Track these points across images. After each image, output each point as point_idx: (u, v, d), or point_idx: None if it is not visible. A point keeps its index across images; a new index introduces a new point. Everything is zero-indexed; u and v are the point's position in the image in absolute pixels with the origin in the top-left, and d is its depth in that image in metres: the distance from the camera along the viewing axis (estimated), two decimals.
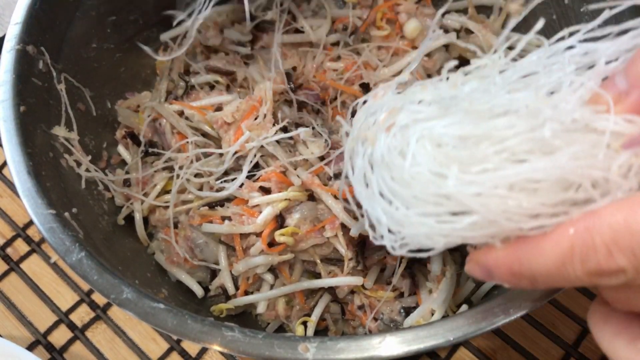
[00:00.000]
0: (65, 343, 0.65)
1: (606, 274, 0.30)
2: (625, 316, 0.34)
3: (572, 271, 0.30)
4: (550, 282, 0.32)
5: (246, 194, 0.58)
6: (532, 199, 0.31)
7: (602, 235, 0.29)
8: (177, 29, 0.72)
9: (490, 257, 0.34)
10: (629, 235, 0.28)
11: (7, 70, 0.55)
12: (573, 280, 0.31)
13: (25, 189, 0.51)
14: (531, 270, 0.32)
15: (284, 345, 0.44)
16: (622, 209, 0.29)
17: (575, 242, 0.30)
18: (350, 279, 0.57)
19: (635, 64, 0.33)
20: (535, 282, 0.33)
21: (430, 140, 0.34)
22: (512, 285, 0.35)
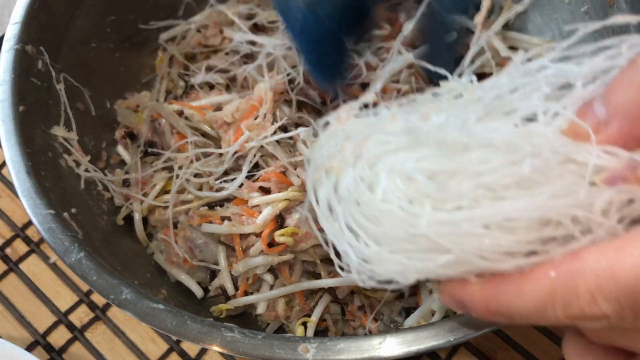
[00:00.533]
0: (65, 344, 0.65)
1: (588, 319, 0.29)
2: (604, 349, 0.33)
3: (553, 314, 0.29)
4: (528, 321, 0.31)
5: (246, 194, 0.58)
6: (509, 237, 0.30)
7: (585, 282, 0.28)
8: (176, 28, 0.72)
9: (465, 293, 0.33)
10: (614, 283, 0.27)
11: (6, 70, 0.55)
12: (553, 321, 0.30)
13: (24, 189, 0.51)
14: (509, 309, 0.31)
15: (283, 346, 0.43)
16: (606, 254, 0.28)
17: (557, 286, 0.29)
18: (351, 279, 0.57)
19: (615, 92, 0.31)
20: (513, 319, 0.31)
21: (401, 175, 0.33)
22: (488, 320, 0.33)
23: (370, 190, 0.34)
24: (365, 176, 0.34)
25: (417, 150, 0.33)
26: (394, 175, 0.33)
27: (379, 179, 0.33)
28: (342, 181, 0.35)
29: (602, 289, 0.27)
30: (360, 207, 0.34)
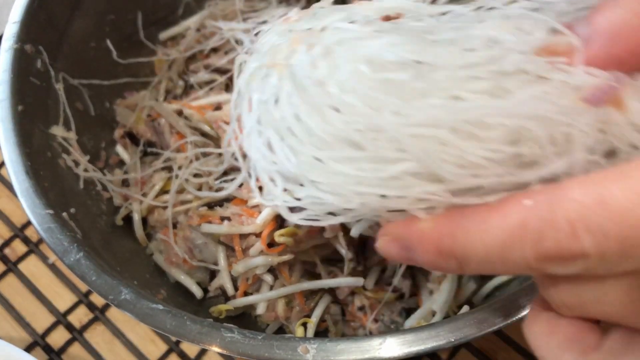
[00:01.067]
0: (64, 344, 0.64)
1: (563, 258, 0.24)
2: (575, 324, 0.29)
3: (520, 253, 0.25)
4: (485, 267, 0.27)
5: (245, 194, 0.58)
6: (478, 147, 0.25)
7: (567, 211, 0.24)
8: (176, 27, 0.72)
9: (413, 230, 0.28)
10: (603, 213, 0.23)
11: (4, 70, 0.55)
12: (516, 266, 0.25)
13: (23, 189, 0.51)
14: (465, 248, 0.26)
15: (283, 347, 0.43)
16: (595, 183, 0.24)
17: (529, 216, 0.24)
18: (351, 280, 0.57)
19: (600, 11, 0.27)
20: (467, 265, 0.27)
21: (367, 61, 0.27)
22: (434, 267, 0.29)
23: (320, 85, 0.28)
24: (318, 65, 0.28)
25: (385, 37, 0.27)
26: (358, 64, 0.27)
27: (338, 67, 0.27)
28: (286, 74, 0.29)
29: (587, 219, 0.23)
30: (308, 100, 0.28)
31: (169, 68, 0.70)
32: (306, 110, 0.28)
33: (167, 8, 0.72)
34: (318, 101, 0.27)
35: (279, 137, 0.29)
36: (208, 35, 0.70)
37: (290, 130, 0.29)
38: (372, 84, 0.26)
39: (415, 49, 0.26)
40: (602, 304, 0.26)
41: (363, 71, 0.26)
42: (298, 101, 0.28)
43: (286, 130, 0.29)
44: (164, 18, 0.72)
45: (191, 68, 0.70)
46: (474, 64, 0.26)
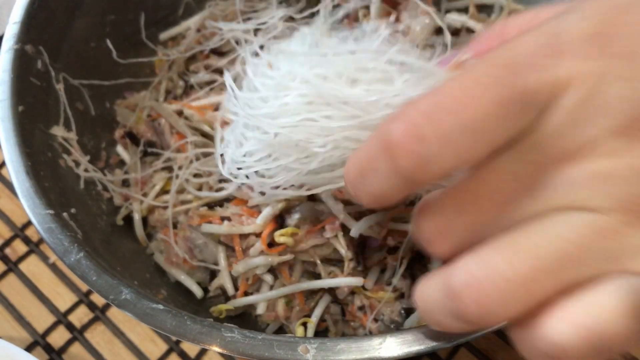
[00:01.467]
0: (64, 344, 0.65)
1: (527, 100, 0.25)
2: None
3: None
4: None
5: (246, 194, 0.58)
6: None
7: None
8: (176, 28, 0.72)
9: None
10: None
11: (5, 70, 0.55)
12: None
13: (23, 189, 0.51)
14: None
15: (283, 347, 0.43)
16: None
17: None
18: (351, 280, 0.57)
19: (478, 41, 0.33)
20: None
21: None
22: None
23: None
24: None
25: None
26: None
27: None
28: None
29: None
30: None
31: (169, 68, 0.70)
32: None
33: (168, 8, 0.72)
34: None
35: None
36: (208, 36, 0.70)
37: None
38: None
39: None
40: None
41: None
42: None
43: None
44: (164, 18, 0.72)
45: (191, 68, 0.70)
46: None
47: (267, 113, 0.40)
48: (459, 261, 0.29)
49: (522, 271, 0.26)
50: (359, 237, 0.56)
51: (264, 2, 0.71)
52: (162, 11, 0.72)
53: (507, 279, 0.26)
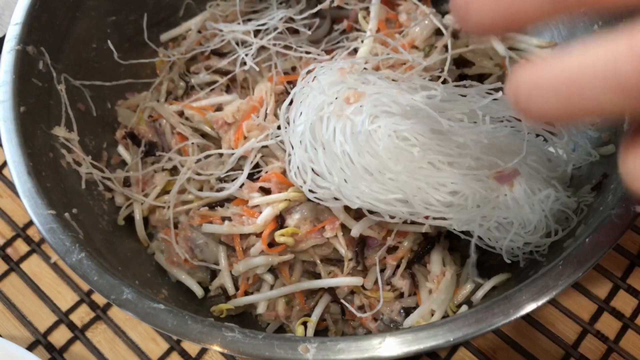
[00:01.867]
0: (65, 343, 0.65)
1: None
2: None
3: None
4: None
5: (246, 195, 0.58)
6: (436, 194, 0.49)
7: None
8: (177, 29, 0.72)
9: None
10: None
11: (7, 71, 0.55)
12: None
13: (25, 189, 0.51)
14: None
15: (284, 346, 0.44)
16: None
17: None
18: (350, 280, 0.57)
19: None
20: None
21: (396, 134, 0.49)
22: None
23: (367, 137, 0.49)
24: (367, 125, 0.49)
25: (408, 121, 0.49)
26: (391, 131, 0.49)
27: (378, 130, 0.49)
28: (347, 125, 0.50)
29: None
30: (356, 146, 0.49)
31: (170, 69, 0.71)
32: (352, 148, 0.49)
33: (169, 9, 0.72)
34: (362, 146, 0.49)
35: (325, 152, 0.50)
36: (209, 37, 0.70)
37: (337, 155, 0.50)
38: (395, 146, 0.48)
39: (422, 133, 0.50)
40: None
41: (393, 138, 0.49)
42: (348, 141, 0.49)
43: (333, 154, 0.50)
44: (165, 19, 0.72)
45: (192, 69, 0.70)
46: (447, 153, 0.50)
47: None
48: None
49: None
50: (358, 236, 0.56)
51: (264, 2, 0.72)
52: (163, 12, 0.72)
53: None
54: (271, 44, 0.65)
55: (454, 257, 0.62)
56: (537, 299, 0.45)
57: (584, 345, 0.63)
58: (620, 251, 0.67)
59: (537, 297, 0.45)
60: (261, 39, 0.66)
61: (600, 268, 0.67)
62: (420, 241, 0.59)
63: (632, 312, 0.64)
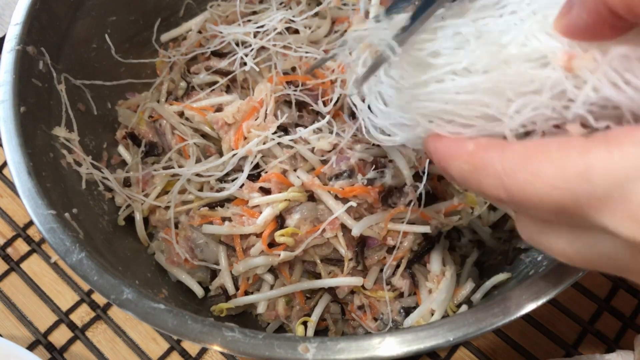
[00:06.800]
0: (66, 343, 0.65)
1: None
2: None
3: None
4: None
5: (246, 195, 0.58)
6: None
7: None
8: (177, 29, 0.73)
9: (459, 146, 0.33)
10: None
11: (7, 71, 0.55)
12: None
13: (25, 189, 0.51)
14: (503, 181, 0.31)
15: (284, 346, 0.44)
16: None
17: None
18: (350, 280, 0.57)
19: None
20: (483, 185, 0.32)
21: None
22: (462, 183, 0.33)
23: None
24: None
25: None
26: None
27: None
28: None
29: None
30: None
31: (170, 69, 0.71)
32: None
33: (169, 10, 0.72)
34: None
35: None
36: (209, 38, 0.70)
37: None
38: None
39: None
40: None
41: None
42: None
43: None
44: (165, 20, 0.72)
45: (192, 69, 0.70)
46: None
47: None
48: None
49: None
50: (359, 236, 0.56)
51: (264, 3, 0.72)
52: (163, 12, 0.72)
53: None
54: (271, 45, 0.65)
55: (454, 256, 0.62)
56: (537, 298, 0.45)
57: (584, 345, 0.63)
58: None
59: (537, 297, 0.45)
60: (261, 39, 0.66)
61: None
62: (420, 241, 0.59)
63: (632, 312, 0.64)
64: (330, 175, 0.57)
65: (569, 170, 0.28)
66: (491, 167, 0.31)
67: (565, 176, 0.28)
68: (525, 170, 0.29)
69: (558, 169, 0.28)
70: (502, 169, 0.30)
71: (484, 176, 0.31)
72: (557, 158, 0.28)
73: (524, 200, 0.30)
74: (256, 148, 0.58)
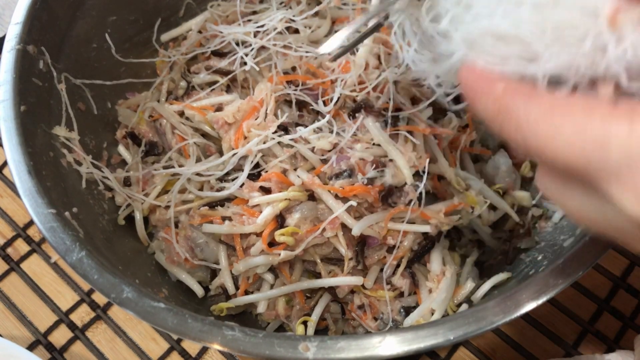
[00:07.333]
0: (66, 343, 0.65)
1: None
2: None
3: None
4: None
5: (246, 194, 0.58)
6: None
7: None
8: (177, 29, 0.73)
9: (490, 84, 0.34)
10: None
11: (7, 70, 0.55)
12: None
13: (25, 188, 0.51)
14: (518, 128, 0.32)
15: (284, 345, 0.44)
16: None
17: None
18: (350, 279, 0.57)
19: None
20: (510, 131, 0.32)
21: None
22: (487, 120, 0.34)
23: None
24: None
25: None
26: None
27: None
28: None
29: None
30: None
31: (170, 69, 0.71)
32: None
33: (169, 9, 0.72)
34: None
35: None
36: (209, 37, 0.70)
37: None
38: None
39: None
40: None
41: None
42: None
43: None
44: (165, 19, 0.72)
45: (192, 69, 0.70)
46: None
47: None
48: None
49: None
50: (359, 236, 0.56)
51: (264, 3, 0.72)
52: (163, 12, 0.72)
53: None
54: (271, 44, 0.65)
55: (454, 256, 0.62)
56: (537, 298, 0.45)
57: (584, 345, 0.63)
58: (620, 250, 0.67)
59: (537, 296, 0.45)
60: (261, 39, 0.66)
61: (600, 268, 0.67)
62: (420, 240, 0.59)
63: (632, 312, 0.64)
64: (331, 175, 0.57)
65: (589, 135, 0.28)
66: (515, 113, 0.31)
67: (583, 140, 0.28)
68: (546, 124, 0.30)
69: (578, 131, 0.28)
70: (525, 118, 0.31)
71: (507, 120, 0.32)
72: (580, 120, 0.29)
73: (539, 153, 0.31)
74: (256, 147, 0.59)
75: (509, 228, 0.64)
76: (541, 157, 0.31)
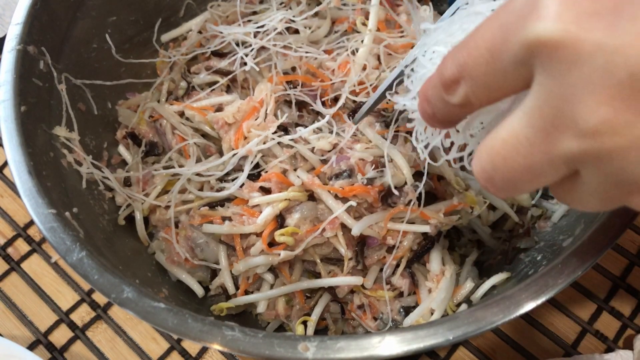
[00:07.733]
0: (66, 343, 0.65)
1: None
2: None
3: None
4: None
5: (246, 194, 0.58)
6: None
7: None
8: (177, 29, 0.73)
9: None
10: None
11: (7, 71, 0.55)
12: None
13: (26, 188, 0.51)
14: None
15: (284, 345, 0.44)
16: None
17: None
18: (350, 279, 0.57)
19: (461, 50, 0.32)
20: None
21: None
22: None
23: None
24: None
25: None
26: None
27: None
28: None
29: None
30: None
31: (170, 69, 0.71)
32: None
33: (169, 10, 0.72)
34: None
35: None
36: (209, 38, 0.70)
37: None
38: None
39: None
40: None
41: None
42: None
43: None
44: (165, 20, 0.72)
45: (192, 69, 0.70)
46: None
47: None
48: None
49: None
50: (358, 236, 0.57)
51: (264, 3, 0.72)
52: (163, 13, 0.72)
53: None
54: (271, 45, 0.65)
55: (453, 256, 0.62)
56: (536, 297, 0.45)
57: (584, 345, 0.63)
58: (620, 250, 0.67)
59: (537, 296, 0.45)
60: (261, 39, 0.66)
61: (600, 267, 0.67)
62: (419, 240, 0.59)
63: (632, 312, 0.65)
64: (330, 175, 0.57)
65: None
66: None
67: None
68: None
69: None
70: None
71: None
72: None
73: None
74: (256, 148, 0.59)
75: (509, 228, 0.64)
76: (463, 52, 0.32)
